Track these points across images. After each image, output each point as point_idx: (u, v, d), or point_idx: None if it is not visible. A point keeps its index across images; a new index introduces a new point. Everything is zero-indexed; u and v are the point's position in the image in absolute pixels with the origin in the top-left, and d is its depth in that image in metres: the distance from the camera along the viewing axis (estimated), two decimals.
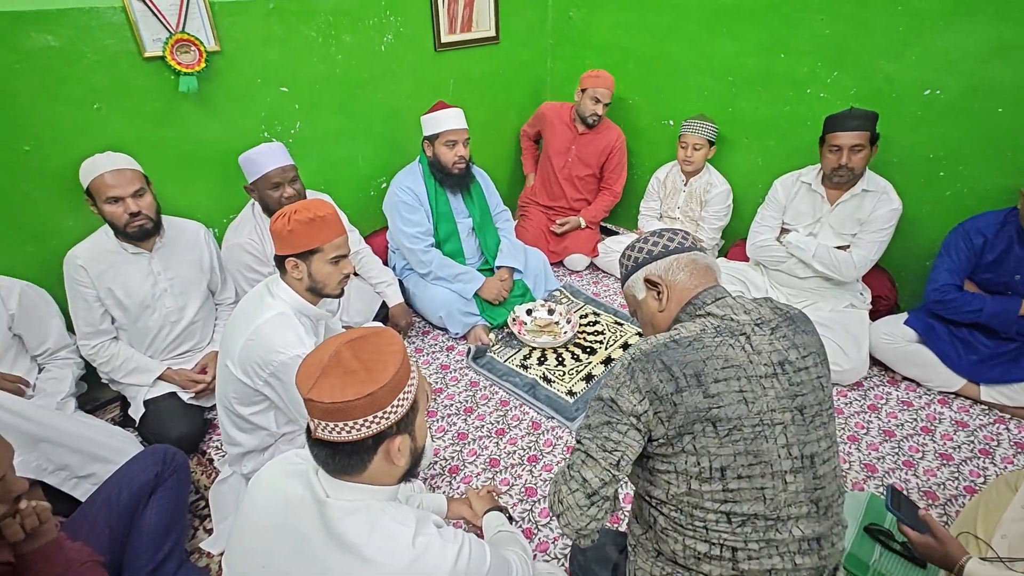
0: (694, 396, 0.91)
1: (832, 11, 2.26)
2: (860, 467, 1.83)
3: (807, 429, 0.94)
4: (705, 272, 1.09)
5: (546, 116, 3.02)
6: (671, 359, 0.93)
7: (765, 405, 0.93)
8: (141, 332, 1.90)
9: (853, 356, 2.12)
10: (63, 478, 1.56)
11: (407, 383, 0.88)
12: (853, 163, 2.04)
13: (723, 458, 0.91)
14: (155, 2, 1.80)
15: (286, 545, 0.86)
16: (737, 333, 0.97)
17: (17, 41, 1.61)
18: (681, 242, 1.12)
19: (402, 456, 0.89)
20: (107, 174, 1.68)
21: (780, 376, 0.95)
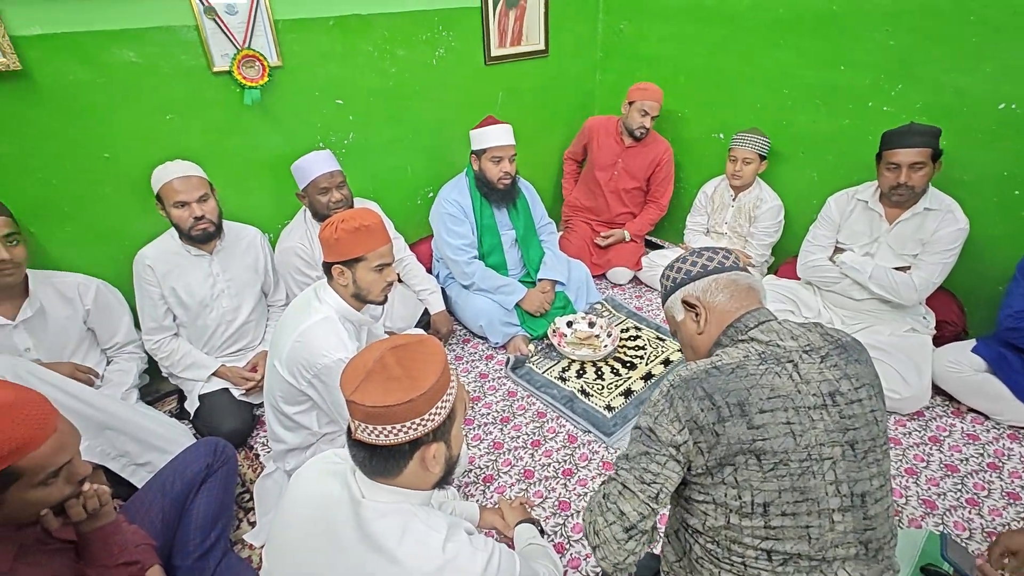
0: (737, 427, 0.86)
1: (898, 23, 2.17)
2: (918, 503, 1.72)
3: (858, 466, 0.88)
4: (747, 294, 1.04)
5: (592, 130, 3.01)
6: (713, 387, 0.89)
7: (814, 439, 0.87)
8: (199, 329, 2.01)
9: (914, 384, 1.99)
10: (123, 464, 1.66)
11: (446, 392, 0.90)
12: (913, 181, 1.94)
13: (767, 493, 0.86)
14: (225, 20, 1.92)
15: (321, 541, 0.89)
16: (784, 360, 0.92)
17: (102, 57, 1.76)
18: (721, 262, 1.07)
19: (437, 463, 0.91)
20: (175, 180, 1.80)
21: (830, 408, 0.89)
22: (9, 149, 1.69)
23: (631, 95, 2.79)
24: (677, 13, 2.84)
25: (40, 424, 0.89)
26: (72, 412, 1.52)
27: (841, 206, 2.23)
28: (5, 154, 1.68)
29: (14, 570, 0.94)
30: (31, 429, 0.87)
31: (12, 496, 0.87)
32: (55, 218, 1.83)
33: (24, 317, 1.64)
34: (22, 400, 0.88)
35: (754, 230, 2.68)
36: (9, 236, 1.53)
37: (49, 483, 0.91)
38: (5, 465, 0.84)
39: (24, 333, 1.65)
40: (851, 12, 2.28)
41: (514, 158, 2.39)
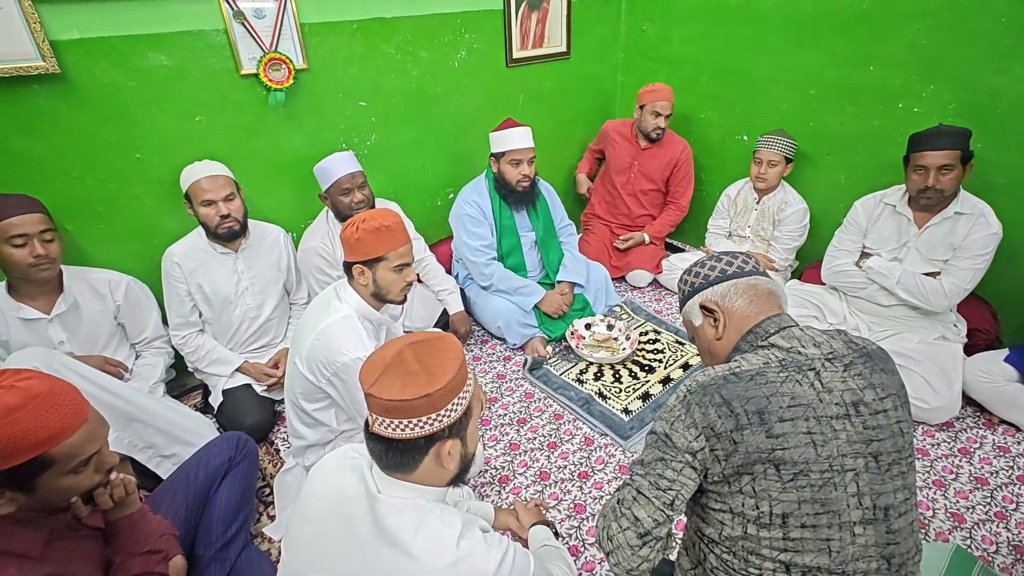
0: (756, 435, 0.85)
1: (930, 21, 2.11)
2: (945, 516, 1.67)
3: (882, 478, 0.86)
4: (767, 298, 1.01)
5: (608, 133, 3.01)
6: (731, 393, 0.87)
7: (835, 449, 0.85)
8: (224, 326, 2.06)
9: (943, 393, 1.94)
10: (149, 456, 1.71)
11: (463, 389, 0.91)
12: (942, 184, 1.88)
13: (786, 504, 0.84)
14: (253, 24, 1.96)
15: (338, 535, 0.90)
16: (805, 368, 0.90)
17: (135, 60, 1.81)
18: (740, 266, 1.05)
19: (452, 460, 0.92)
20: (203, 179, 1.85)
21: (853, 418, 0.87)
22: (46, 150, 1.75)
23: (641, 98, 2.78)
24: (701, 13, 2.81)
25: (72, 414, 0.92)
26: (102, 404, 1.57)
27: (868, 210, 2.18)
28: (42, 155, 1.75)
29: (45, 554, 0.97)
30: (64, 419, 0.90)
31: (44, 482, 0.91)
32: (88, 216, 1.89)
33: (59, 311, 1.70)
34: (56, 390, 0.91)
35: (778, 234, 2.63)
36: (44, 232, 1.59)
37: (79, 471, 0.95)
38: (39, 452, 0.88)
39: (59, 327, 1.71)
40: (881, 10, 2.22)
41: (533, 160, 2.39)
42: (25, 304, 1.65)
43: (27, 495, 0.91)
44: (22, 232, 1.54)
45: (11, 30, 1.57)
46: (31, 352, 1.53)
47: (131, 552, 1.13)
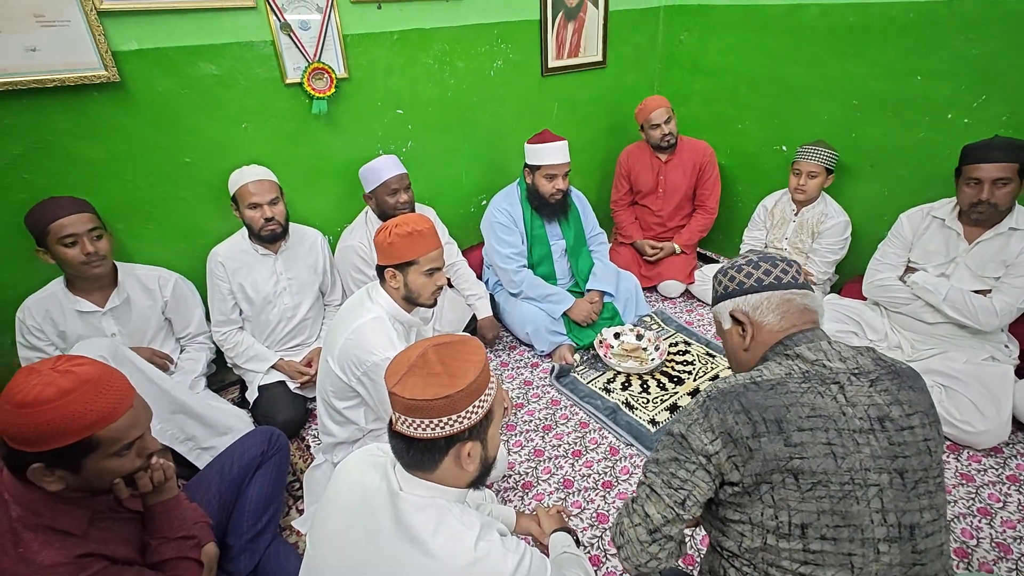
0: (774, 444, 0.84)
1: (981, 31, 2.04)
2: (991, 545, 1.58)
3: (907, 496, 0.84)
4: (800, 314, 0.98)
5: (626, 161, 2.99)
6: (750, 402, 0.87)
7: (858, 463, 0.83)
8: (262, 324, 2.13)
9: (991, 417, 1.84)
10: (190, 448, 1.78)
11: (484, 392, 0.92)
12: (996, 199, 1.80)
13: (805, 514, 0.83)
14: (298, 36, 2.04)
15: (360, 529, 0.92)
16: (829, 381, 0.89)
17: (187, 70, 1.91)
18: (779, 276, 1.00)
19: (472, 462, 0.93)
20: (250, 183, 1.94)
21: (878, 433, 0.85)
22: (103, 154, 1.86)
23: (637, 118, 2.83)
24: (740, 23, 2.78)
25: (119, 399, 0.97)
26: (151, 395, 1.65)
27: (915, 223, 2.10)
28: (99, 158, 1.85)
29: (87, 533, 1.03)
30: (111, 403, 0.96)
31: (90, 463, 0.96)
32: (138, 217, 1.99)
33: (112, 305, 1.80)
34: (105, 377, 0.97)
35: (817, 246, 2.56)
36: (92, 231, 1.68)
37: (123, 454, 1.00)
38: (87, 435, 0.93)
39: (111, 320, 1.81)
40: (929, 20, 2.16)
41: (568, 174, 2.40)
42: (81, 298, 1.75)
43: (75, 475, 0.96)
44: (72, 232, 1.63)
45: (78, 42, 1.69)
46: (99, 342, 1.63)
47: (166, 536, 1.17)
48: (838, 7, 2.40)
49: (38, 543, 0.95)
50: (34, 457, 0.91)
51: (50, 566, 0.95)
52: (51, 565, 0.95)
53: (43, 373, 0.92)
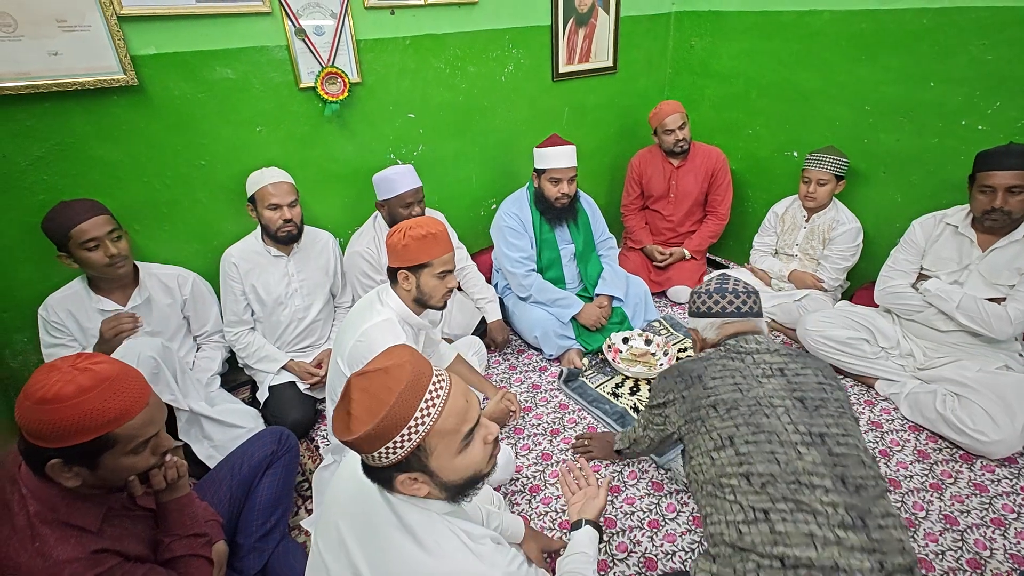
0: (696, 389, 1.26)
1: (996, 36, 2.03)
2: (1004, 557, 1.56)
3: (810, 415, 1.14)
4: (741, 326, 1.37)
5: (638, 166, 2.99)
6: (683, 369, 1.33)
7: (762, 393, 1.18)
8: (273, 325, 2.16)
9: (1004, 426, 1.82)
10: (206, 445, 1.81)
11: (406, 425, 0.85)
12: (1010, 206, 1.79)
13: (729, 429, 1.15)
14: (313, 41, 2.07)
15: (360, 531, 0.95)
16: (742, 353, 1.29)
17: (204, 74, 1.94)
18: (738, 307, 1.38)
19: (421, 488, 0.90)
20: (270, 185, 1.97)
21: (778, 376, 1.22)
22: (121, 156, 1.89)
23: (651, 123, 2.83)
24: (751, 29, 2.78)
25: (136, 398, 0.99)
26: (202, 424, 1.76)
27: (927, 230, 2.08)
28: (117, 160, 1.89)
29: (102, 529, 1.05)
30: (128, 401, 0.98)
31: (107, 460, 0.98)
32: (154, 218, 2.02)
33: (134, 304, 1.83)
34: (123, 375, 0.99)
35: (828, 253, 2.54)
36: (112, 232, 1.71)
37: (139, 451, 1.02)
38: (105, 432, 0.95)
39: None
40: (943, 25, 2.15)
41: (574, 179, 2.41)
42: (104, 297, 1.78)
43: (91, 471, 0.98)
44: (93, 236, 1.66)
45: (98, 46, 1.72)
46: (149, 342, 1.69)
47: (178, 534, 1.19)
48: (850, 13, 2.39)
49: (54, 538, 0.97)
50: (53, 453, 0.93)
51: (66, 561, 0.96)
52: (67, 560, 0.96)
53: (63, 370, 0.94)
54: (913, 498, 1.76)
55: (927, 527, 1.66)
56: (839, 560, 0.91)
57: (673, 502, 1.78)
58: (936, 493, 1.77)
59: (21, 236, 1.80)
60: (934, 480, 1.82)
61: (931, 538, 1.62)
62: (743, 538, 1.02)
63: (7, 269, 1.81)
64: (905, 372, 2.16)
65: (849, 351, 2.19)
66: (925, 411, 2.00)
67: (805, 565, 0.92)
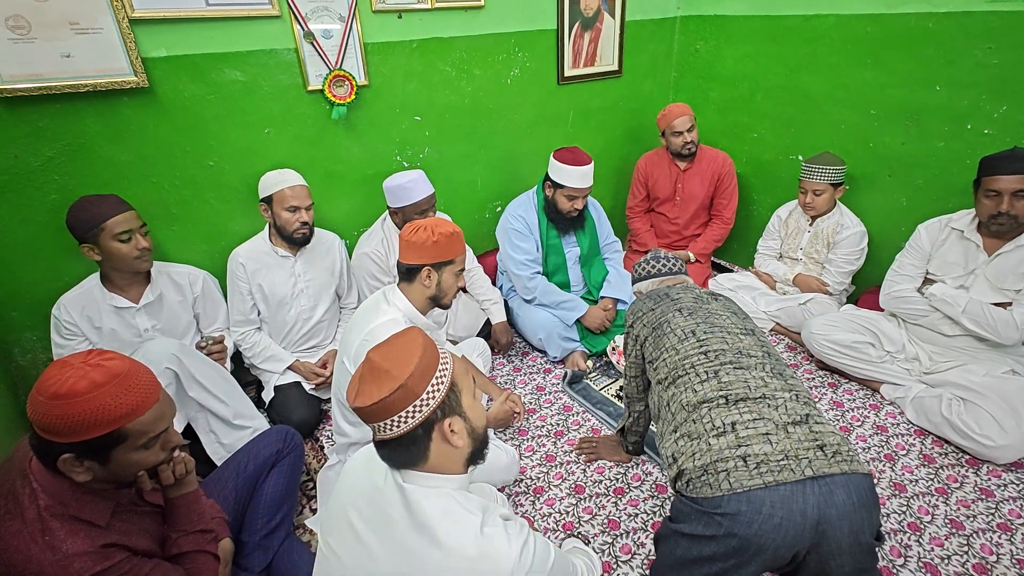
0: (664, 304, 1.51)
1: (1003, 39, 2.03)
2: (1011, 562, 1.55)
3: (742, 320, 1.43)
4: (664, 285, 1.68)
5: (644, 168, 3.00)
6: (650, 293, 1.61)
7: (708, 309, 1.45)
8: (279, 325, 2.17)
9: (1011, 431, 1.81)
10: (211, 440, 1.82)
11: (437, 369, 0.94)
12: (1016, 210, 1.78)
13: (691, 325, 1.39)
14: (320, 44, 2.09)
15: (372, 524, 0.95)
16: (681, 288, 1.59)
17: (213, 77, 1.96)
18: (659, 268, 1.74)
19: (459, 437, 0.95)
20: (288, 188, 1.99)
21: (714, 301, 1.50)
22: (131, 156, 1.91)
23: (659, 125, 2.82)
24: (756, 33, 2.79)
25: (147, 393, 1.00)
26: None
27: (933, 234, 2.08)
28: (127, 160, 1.91)
29: (111, 524, 1.06)
30: (140, 397, 0.99)
31: (117, 455, 0.99)
32: (164, 218, 2.04)
33: (147, 301, 1.84)
34: (134, 371, 1.00)
35: (833, 256, 2.54)
36: (142, 227, 1.75)
37: (149, 447, 1.03)
38: (116, 427, 0.96)
39: (145, 315, 1.85)
40: (949, 29, 2.15)
41: (587, 194, 2.40)
42: (117, 294, 1.80)
43: (102, 466, 0.99)
44: (127, 228, 1.70)
45: (110, 49, 1.75)
46: (168, 343, 1.74)
47: (185, 530, 1.20)
48: (855, 17, 2.40)
49: (64, 532, 0.98)
50: (65, 448, 0.94)
51: (75, 554, 0.97)
52: (76, 554, 0.97)
53: (75, 366, 0.95)
54: (919, 502, 1.75)
55: (932, 531, 1.65)
56: (766, 391, 1.19)
57: None
58: (942, 497, 1.77)
59: (32, 236, 1.82)
60: (940, 484, 1.81)
61: (936, 542, 1.62)
62: (698, 394, 1.23)
63: (17, 268, 1.84)
64: (911, 376, 2.15)
65: (854, 355, 2.18)
66: (931, 415, 1.99)
67: (743, 398, 1.18)
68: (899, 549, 1.60)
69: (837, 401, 2.21)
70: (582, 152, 2.33)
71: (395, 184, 2.16)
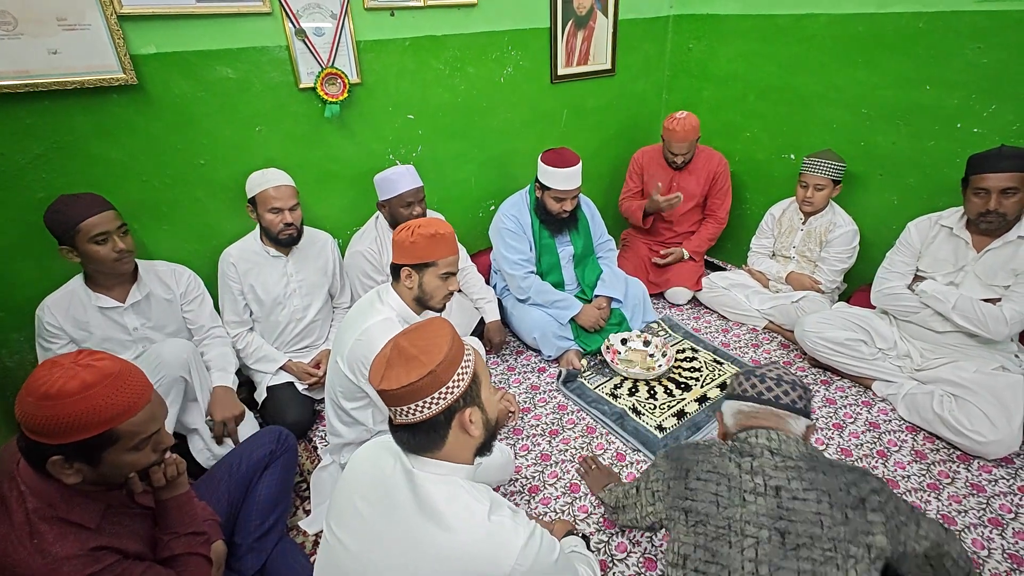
0: (679, 485, 1.12)
1: (991, 39, 2.05)
2: (1003, 556, 1.57)
3: (785, 554, 0.96)
4: (755, 419, 1.15)
5: (641, 163, 2.99)
6: (679, 455, 1.18)
7: (738, 515, 1.02)
8: (271, 325, 2.15)
9: (1001, 427, 1.83)
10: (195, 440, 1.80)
11: (463, 359, 0.97)
12: (1004, 208, 1.80)
13: (686, 546, 1.05)
14: (312, 41, 2.07)
15: (379, 510, 0.95)
16: (744, 453, 1.09)
17: (204, 74, 1.94)
18: (762, 395, 1.16)
19: (476, 427, 0.97)
20: (272, 188, 1.96)
21: (768, 497, 1.02)
22: (121, 154, 1.88)
23: (663, 131, 2.80)
24: (749, 32, 2.80)
25: (139, 394, 0.99)
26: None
27: (923, 232, 2.10)
28: (117, 158, 1.88)
29: (100, 527, 1.04)
30: (131, 397, 0.97)
31: (109, 457, 0.98)
32: (153, 217, 2.02)
33: (133, 300, 1.81)
34: (125, 371, 0.98)
35: (825, 255, 2.56)
36: (120, 227, 1.71)
37: (140, 448, 1.01)
38: (108, 428, 0.94)
39: (133, 314, 1.82)
40: (939, 29, 2.17)
41: (576, 196, 2.40)
42: (102, 294, 1.76)
43: (93, 468, 0.97)
44: (104, 230, 1.65)
45: (98, 45, 1.72)
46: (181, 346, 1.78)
47: (177, 532, 1.19)
48: (847, 17, 2.42)
49: (53, 535, 0.97)
50: (54, 449, 0.92)
51: (65, 558, 0.96)
52: (66, 557, 0.96)
53: (65, 366, 0.93)
54: (911, 498, 1.76)
55: None
56: None
57: None
58: (934, 493, 1.78)
59: (19, 235, 1.79)
60: (931, 480, 1.83)
61: None
62: None
63: (4, 268, 1.81)
64: (902, 373, 2.17)
65: (847, 352, 2.20)
66: (922, 412, 2.01)
67: None
68: None
69: (830, 398, 2.22)
70: (569, 153, 2.32)
71: (382, 177, 2.16)
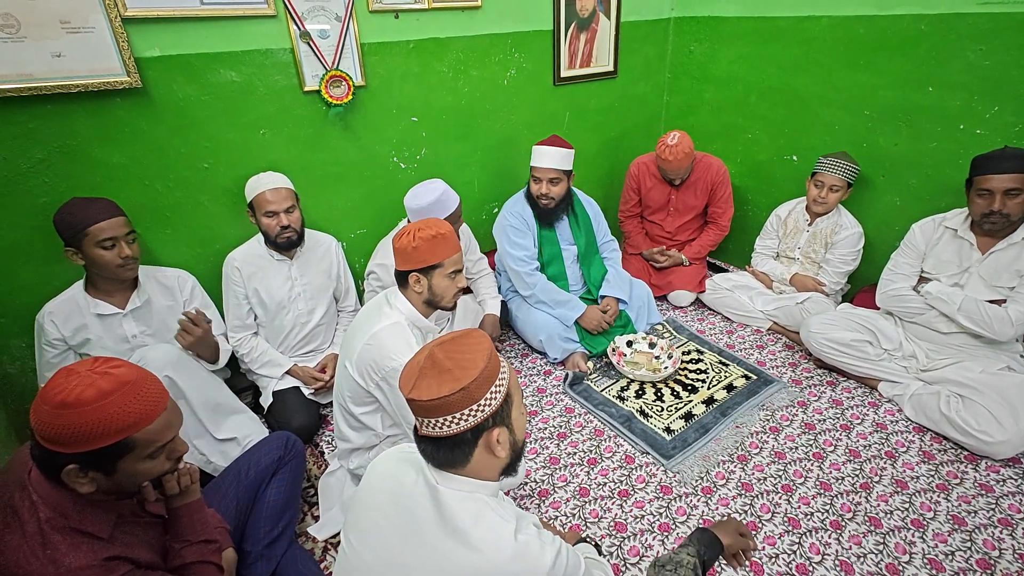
0: None
1: (993, 41, 2.06)
2: (1014, 556, 1.57)
3: None
4: None
5: (637, 175, 2.98)
6: None
7: None
8: (276, 329, 2.13)
9: (1009, 427, 1.83)
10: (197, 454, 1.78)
11: (498, 377, 0.93)
12: (1008, 209, 1.81)
13: None
14: (317, 44, 2.06)
15: (401, 525, 0.93)
16: None
17: (208, 77, 1.93)
18: None
19: (502, 448, 0.94)
20: (267, 191, 1.94)
21: None
22: (124, 158, 1.87)
23: (657, 158, 2.76)
24: (750, 34, 2.80)
25: (155, 402, 0.97)
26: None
27: (927, 233, 2.11)
28: (119, 162, 1.86)
29: (113, 536, 1.03)
30: (148, 405, 0.96)
31: (124, 465, 0.96)
32: (156, 221, 2.00)
33: (133, 307, 1.79)
34: (141, 379, 0.97)
35: (830, 256, 2.56)
36: (128, 234, 1.69)
37: (155, 456, 1.00)
38: (124, 436, 0.93)
39: (132, 321, 1.80)
40: (941, 31, 2.18)
41: (556, 181, 2.39)
42: (101, 300, 1.74)
43: (107, 477, 0.96)
44: (111, 235, 1.64)
45: (102, 48, 1.70)
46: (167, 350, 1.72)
47: (188, 540, 1.17)
48: (848, 19, 2.43)
49: (66, 545, 0.95)
50: (69, 459, 0.91)
51: (78, 568, 0.94)
52: (79, 568, 0.94)
53: (82, 375, 0.92)
54: (920, 499, 1.77)
55: (935, 527, 1.66)
56: None
57: (683, 505, 1.78)
58: (943, 494, 1.78)
59: (21, 240, 1.77)
60: (940, 481, 1.83)
61: (940, 539, 1.63)
62: None
63: (6, 273, 1.78)
64: (908, 374, 2.18)
65: (852, 353, 2.20)
66: (929, 412, 2.01)
67: None
68: (904, 546, 1.61)
69: (836, 399, 2.22)
70: (556, 137, 2.39)
71: (417, 206, 2.10)
